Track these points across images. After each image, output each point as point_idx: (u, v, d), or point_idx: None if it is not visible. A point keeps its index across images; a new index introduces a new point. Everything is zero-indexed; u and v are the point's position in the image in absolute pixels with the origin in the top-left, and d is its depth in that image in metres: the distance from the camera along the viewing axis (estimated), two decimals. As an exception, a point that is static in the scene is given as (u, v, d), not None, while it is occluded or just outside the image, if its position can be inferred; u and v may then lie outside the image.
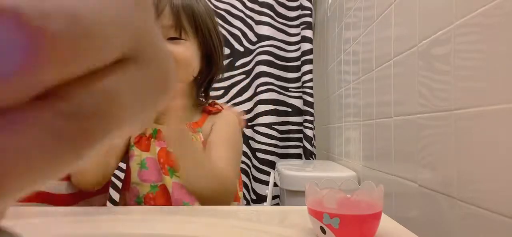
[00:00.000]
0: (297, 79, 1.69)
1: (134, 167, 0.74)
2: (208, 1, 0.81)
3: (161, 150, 0.74)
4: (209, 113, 0.79)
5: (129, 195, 0.75)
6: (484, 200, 0.49)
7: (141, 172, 0.73)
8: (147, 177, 0.73)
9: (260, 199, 1.55)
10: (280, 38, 1.69)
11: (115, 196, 1.50)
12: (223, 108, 0.81)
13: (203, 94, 0.82)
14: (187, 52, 0.71)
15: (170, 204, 0.71)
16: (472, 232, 0.52)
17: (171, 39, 0.70)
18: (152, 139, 0.75)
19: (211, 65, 0.77)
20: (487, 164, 0.49)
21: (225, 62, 0.84)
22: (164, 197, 0.72)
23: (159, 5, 0.69)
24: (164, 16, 0.69)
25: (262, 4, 1.66)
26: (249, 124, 1.64)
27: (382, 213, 0.43)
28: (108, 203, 1.49)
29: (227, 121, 0.78)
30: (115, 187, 1.50)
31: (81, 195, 0.75)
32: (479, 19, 0.51)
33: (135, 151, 0.75)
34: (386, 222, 0.50)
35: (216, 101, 0.84)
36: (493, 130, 0.48)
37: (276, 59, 1.67)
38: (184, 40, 0.71)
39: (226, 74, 1.65)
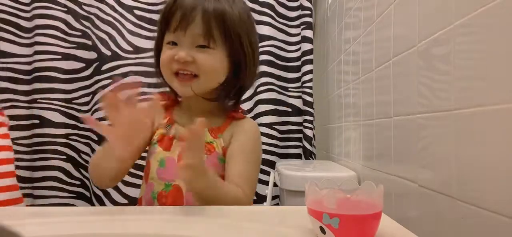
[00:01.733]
0: (297, 79, 1.69)
1: (154, 163, 0.77)
2: (244, 5, 0.79)
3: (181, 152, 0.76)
4: (232, 119, 0.79)
5: (146, 189, 0.77)
6: (484, 200, 0.49)
7: (160, 170, 0.76)
8: (164, 175, 0.75)
9: (260, 199, 1.55)
10: (280, 38, 1.68)
11: (115, 195, 1.50)
12: (245, 116, 0.82)
13: (233, 100, 0.81)
14: (212, 60, 0.72)
15: (182, 203, 0.73)
16: (472, 232, 0.52)
17: (200, 46, 0.72)
18: (175, 140, 0.77)
19: (239, 73, 0.76)
20: (487, 164, 0.49)
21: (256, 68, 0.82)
22: (176, 196, 0.74)
23: (192, 13, 0.71)
24: (195, 25, 0.71)
25: (263, 4, 1.66)
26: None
27: (382, 213, 0.43)
28: (108, 203, 1.49)
29: (249, 133, 0.78)
30: (114, 186, 1.50)
31: None
32: (479, 19, 0.51)
33: (157, 149, 0.77)
34: (386, 222, 0.50)
35: (241, 107, 0.84)
36: (493, 130, 0.48)
37: (277, 59, 1.67)
38: (212, 48, 0.72)
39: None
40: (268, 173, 1.55)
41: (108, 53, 1.57)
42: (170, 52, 0.73)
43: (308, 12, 1.68)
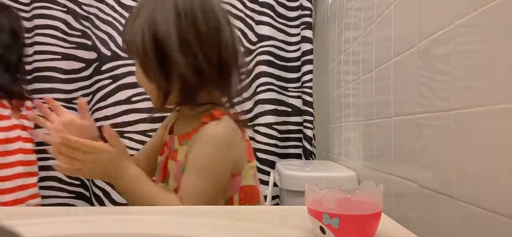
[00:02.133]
0: (297, 79, 1.69)
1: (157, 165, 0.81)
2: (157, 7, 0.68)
3: (165, 157, 0.77)
4: (203, 123, 0.70)
5: None
6: (484, 200, 0.49)
7: (157, 173, 0.79)
8: (157, 179, 0.78)
9: (260, 199, 1.55)
10: (280, 38, 1.68)
11: (115, 195, 1.50)
12: (215, 119, 0.70)
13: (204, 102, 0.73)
14: (137, 73, 0.74)
15: None
16: (472, 232, 0.52)
17: None
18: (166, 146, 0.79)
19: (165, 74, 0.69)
20: (487, 164, 0.49)
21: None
22: None
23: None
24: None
25: (262, 4, 1.66)
26: (249, 124, 1.64)
27: (382, 213, 0.43)
28: (108, 203, 1.49)
29: (205, 140, 0.68)
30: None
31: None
32: (479, 19, 0.51)
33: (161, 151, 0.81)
34: (386, 222, 0.50)
35: (218, 108, 0.73)
36: (493, 130, 0.48)
37: (277, 59, 1.67)
38: (135, 61, 0.74)
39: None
40: (268, 173, 1.55)
41: (108, 53, 1.56)
42: None
43: (308, 12, 1.68)
